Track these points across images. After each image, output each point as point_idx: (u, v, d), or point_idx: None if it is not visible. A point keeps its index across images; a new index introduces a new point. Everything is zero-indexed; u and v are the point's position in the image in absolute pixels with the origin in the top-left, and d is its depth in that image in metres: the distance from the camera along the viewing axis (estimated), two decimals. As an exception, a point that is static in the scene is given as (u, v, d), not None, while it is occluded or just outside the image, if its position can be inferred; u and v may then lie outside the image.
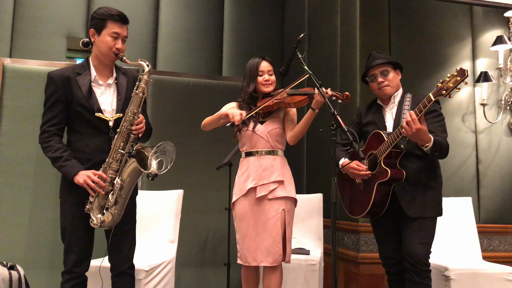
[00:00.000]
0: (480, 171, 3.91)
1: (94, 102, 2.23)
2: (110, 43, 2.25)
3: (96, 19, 2.27)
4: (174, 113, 4.29)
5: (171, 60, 4.94)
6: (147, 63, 2.27)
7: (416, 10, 3.93)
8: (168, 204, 3.34)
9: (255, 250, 2.59)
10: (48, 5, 4.62)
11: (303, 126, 2.63)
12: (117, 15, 2.27)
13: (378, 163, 2.48)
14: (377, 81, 2.63)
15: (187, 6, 5.07)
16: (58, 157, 2.17)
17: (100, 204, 2.19)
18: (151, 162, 2.15)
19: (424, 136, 2.33)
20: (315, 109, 2.55)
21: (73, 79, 2.23)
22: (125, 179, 2.19)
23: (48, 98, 2.25)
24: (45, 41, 4.56)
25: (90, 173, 2.15)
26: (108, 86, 2.31)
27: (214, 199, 4.14)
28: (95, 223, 2.18)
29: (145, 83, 2.24)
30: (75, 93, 2.22)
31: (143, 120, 2.25)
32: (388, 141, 2.44)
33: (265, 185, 2.61)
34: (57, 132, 2.25)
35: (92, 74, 2.28)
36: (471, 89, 3.97)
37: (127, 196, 2.23)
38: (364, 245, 3.55)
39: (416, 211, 2.46)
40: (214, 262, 4.15)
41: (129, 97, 2.27)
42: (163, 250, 3.16)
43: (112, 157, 2.20)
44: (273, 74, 2.73)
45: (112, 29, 2.25)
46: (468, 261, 3.19)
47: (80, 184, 2.14)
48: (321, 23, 4.45)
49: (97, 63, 2.31)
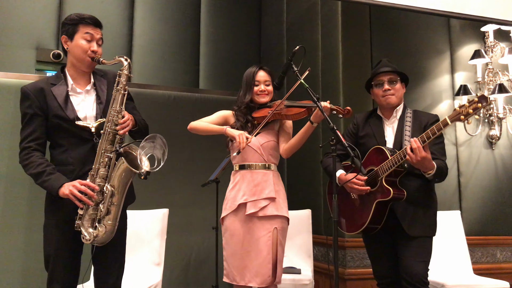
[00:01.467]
0: (461, 183, 3.94)
1: (71, 111, 2.07)
2: (84, 46, 2.10)
3: (67, 25, 2.14)
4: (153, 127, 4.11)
5: (146, 73, 4.81)
6: (125, 57, 2.11)
7: (397, 24, 3.96)
8: (153, 224, 3.16)
9: (243, 269, 2.45)
10: (17, 16, 4.44)
11: (300, 139, 2.52)
12: (89, 18, 2.15)
13: (379, 181, 2.42)
14: (383, 88, 2.56)
15: (162, 18, 4.97)
16: (40, 172, 1.99)
17: (91, 217, 2.00)
18: (141, 160, 1.98)
19: (428, 164, 2.29)
20: (314, 122, 2.44)
21: (47, 90, 2.08)
22: (116, 184, 2.01)
23: (24, 114, 2.08)
24: (13, 52, 4.37)
25: (76, 182, 1.98)
26: (86, 93, 2.15)
27: (200, 218, 3.97)
28: (88, 238, 1.99)
29: (125, 78, 2.09)
30: (50, 104, 2.06)
31: (129, 118, 2.09)
32: (393, 160, 2.37)
33: (255, 202, 2.47)
34: (38, 147, 2.07)
35: (69, 83, 2.13)
36: (450, 102, 4.01)
37: (120, 204, 2.04)
38: (351, 261, 3.49)
39: (418, 231, 2.41)
40: (201, 283, 3.96)
41: (111, 99, 2.11)
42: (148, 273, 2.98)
43: (99, 163, 2.02)
44: (270, 84, 2.61)
45: (85, 30, 2.11)
46: (462, 276, 3.19)
47: (66, 195, 1.95)
48: (301, 35, 4.42)
49: (74, 72, 2.16)
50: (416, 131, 2.50)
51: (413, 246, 2.40)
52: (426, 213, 2.46)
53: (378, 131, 2.59)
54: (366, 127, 2.65)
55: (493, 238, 3.91)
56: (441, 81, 4.02)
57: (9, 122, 3.61)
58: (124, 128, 2.06)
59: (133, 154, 2.05)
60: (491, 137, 4.03)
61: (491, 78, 4.09)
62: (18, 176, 3.45)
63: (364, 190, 2.42)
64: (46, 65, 4.56)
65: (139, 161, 1.98)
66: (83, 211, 2.00)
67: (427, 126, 2.49)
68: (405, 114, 2.58)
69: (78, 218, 2.01)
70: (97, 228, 2.00)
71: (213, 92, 4.56)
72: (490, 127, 4.05)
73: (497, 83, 3.98)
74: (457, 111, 2.22)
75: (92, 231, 2.00)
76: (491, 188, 3.99)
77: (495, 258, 3.90)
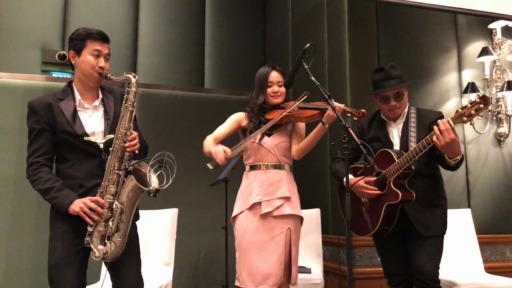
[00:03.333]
0: (470, 182, 3.92)
1: (79, 127, 2.07)
2: (92, 62, 2.09)
3: (75, 40, 2.12)
4: (160, 127, 4.11)
5: (151, 73, 4.81)
6: (133, 74, 2.11)
7: (403, 22, 3.94)
8: (163, 224, 3.14)
9: (254, 270, 2.42)
10: (23, 18, 4.45)
11: (311, 141, 2.50)
12: (97, 33, 2.13)
13: (388, 184, 2.40)
14: (389, 103, 2.49)
15: (167, 18, 4.96)
16: (49, 188, 1.98)
17: (100, 234, 2.00)
18: (151, 177, 1.98)
19: (456, 148, 2.20)
20: (326, 124, 2.42)
21: (55, 105, 2.06)
22: (125, 201, 2.01)
23: (32, 129, 2.07)
24: (19, 54, 4.38)
25: (86, 199, 1.97)
26: (94, 109, 2.15)
27: (209, 218, 3.95)
28: (97, 255, 1.98)
29: (133, 95, 2.09)
30: (58, 119, 2.05)
31: (136, 136, 2.09)
32: (400, 162, 2.34)
33: (270, 201, 2.46)
34: (46, 162, 2.05)
35: (77, 99, 2.12)
36: (458, 99, 3.99)
37: (129, 221, 2.04)
38: (359, 260, 3.48)
39: (430, 231, 2.40)
40: (211, 284, 3.95)
41: (118, 115, 2.11)
42: (158, 274, 2.96)
43: (108, 180, 2.02)
44: (283, 85, 2.57)
45: (93, 47, 2.10)
46: (473, 274, 3.17)
47: (76, 213, 1.95)
48: (307, 34, 4.40)
49: (81, 87, 2.14)
50: (421, 130, 2.47)
51: (425, 245, 2.39)
52: (438, 213, 2.45)
53: (383, 134, 2.56)
54: (371, 131, 2.62)
55: (502, 237, 3.88)
56: (449, 79, 4.00)
57: (16, 122, 3.60)
58: (133, 146, 2.06)
59: (142, 172, 2.04)
60: (499, 135, 4.00)
61: (499, 76, 4.06)
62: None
63: (374, 194, 2.40)
64: (52, 66, 4.57)
65: (148, 178, 1.98)
66: (92, 228, 2.00)
67: (432, 124, 2.46)
68: (409, 114, 2.54)
69: (88, 235, 2.01)
70: (107, 245, 2.00)
71: (219, 92, 4.55)
72: (499, 124, 4.02)
73: (505, 80, 3.95)
74: (460, 113, 2.19)
75: (102, 248, 1.99)
76: (500, 186, 3.96)
77: (505, 256, 3.87)
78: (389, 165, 2.41)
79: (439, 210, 2.46)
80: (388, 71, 2.50)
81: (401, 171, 2.35)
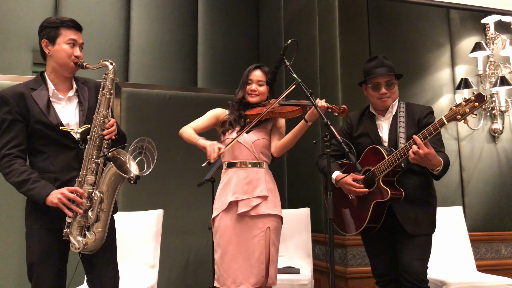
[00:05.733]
0: (464, 178, 3.87)
1: (53, 117, 2.00)
2: (68, 51, 2.03)
3: (48, 28, 2.05)
4: (149, 127, 4.08)
5: (144, 73, 4.78)
6: (110, 61, 2.07)
7: (395, 17, 3.89)
8: (147, 225, 3.10)
9: (235, 270, 2.37)
10: (13, 18, 4.42)
11: (292, 138, 2.45)
12: (70, 21, 2.08)
13: (376, 181, 2.36)
14: (379, 91, 2.47)
15: (159, 17, 4.93)
16: (24, 180, 1.91)
17: (79, 225, 1.94)
18: (130, 164, 1.93)
19: (434, 161, 2.19)
20: (309, 121, 2.38)
21: (27, 95, 1.99)
22: (104, 190, 1.95)
23: (3, 120, 1.98)
24: (10, 55, 4.34)
25: (65, 190, 1.90)
26: (68, 100, 2.08)
27: (196, 218, 3.92)
28: (77, 247, 1.92)
29: (110, 82, 2.04)
30: (31, 109, 1.98)
31: (114, 123, 2.04)
32: (390, 160, 2.30)
33: (247, 200, 2.41)
34: (19, 154, 1.98)
35: (50, 89, 2.05)
36: (451, 96, 3.94)
37: (110, 210, 1.98)
38: (352, 259, 3.43)
39: (418, 230, 2.35)
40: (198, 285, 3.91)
41: (93, 106, 2.07)
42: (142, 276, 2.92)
43: (86, 169, 1.96)
44: (264, 84, 2.55)
45: (68, 35, 2.04)
46: (464, 273, 3.12)
47: (54, 204, 1.88)
48: (299, 32, 4.36)
49: (55, 77, 2.07)
50: (410, 126, 2.44)
51: (412, 244, 2.34)
52: (427, 211, 2.40)
53: (372, 130, 2.53)
54: (360, 126, 2.58)
55: (497, 234, 3.83)
56: (442, 74, 3.95)
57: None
58: (111, 132, 2.01)
59: (121, 159, 1.99)
60: (493, 131, 3.96)
61: (493, 71, 4.01)
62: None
63: (362, 192, 2.36)
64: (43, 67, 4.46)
65: (128, 165, 1.93)
66: (71, 219, 1.94)
67: (421, 120, 2.44)
68: (398, 108, 2.51)
69: (66, 227, 1.95)
70: (87, 235, 1.94)
71: (212, 91, 4.53)
72: (493, 120, 3.97)
73: (499, 75, 3.90)
74: (454, 111, 2.15)
75: (81, 239, 1.94)
76: (494, 183, 3.92)
77: (500, 254, 3.82)
78: (378, 162, 2.37)
79: (428, 209, 2.41)
80: (381, 59, 2.50)
81: (391, 169, 2.31)
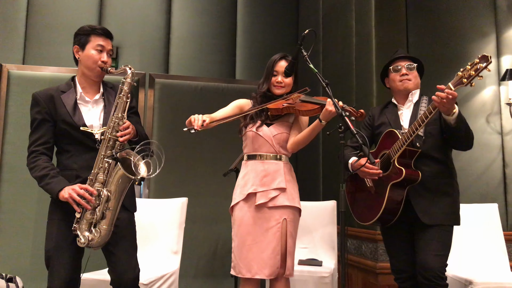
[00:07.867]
0: (507, 175, 3.67)
1: (79, 118, 2.15)
2: (95, 56, 2.18)
3: (79, 35, 2.21)
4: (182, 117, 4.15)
5: (184, 65, 4.86)
6: (129, 66, 2.20)
7: (435, 6, 3.73)
8: (171, 213, 3.18)
9: (251, 261, 2.38)
10: (60, 12, 4.62)
11: (307, 136, 2.43)
12: (100, 29, 2.23)
13: (392, 163, 2.31)
14: (400, 72, 2.50)
15: (199, 9, 4.99)
16: (44, 175, 2.06)
17: (88, 221, 2.05)
18: (137, 165, 2.01)
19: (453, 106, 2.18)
20: (323, 120, 2.34)
21: (57, 97, 2.16)
22: (113, 189, 2.04)
23: (34, 119, 2.17)
24: (57, 48, 4.54)
25: (76, 186, 2.03)
26: (95, 103, 2.23)
27: (222, 207, 3.95)
28: (83, 241, 2.03)
29: (128, 86, 2.15)
30: (59, 110, 2.15)
31: (129, 125, 2.14)
32: (403, 138, 2.28)
33: (265, 192, 2.41)
34: (45, 151, 2.15)
35: (78, 92, 2.20)
36: (496, 88, 3.74)
37: (116, 209, 2.08)
38: (383, 255, 3.36)
39: (432, 219, 2.28)
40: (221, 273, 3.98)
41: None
42: (165, 262, 3.01)
43: (98, 167, 2.08)
44: (290, 75, 2.51)
45: (96, 42, 2.19)
46: (495, 273, 2.97)
47: (65, 199, 2.01)
48: (336, 22, 4.29)
49: (83, 81, 2.24)
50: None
51: (428, 237, 2.27)
52: (444, 201, 2.32)
53: (394, 119, 2.50)
54: (382, 117, 2.57)
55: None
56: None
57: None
58: (125, 135, 2.10)
59: (130, 160, 2.07)
60: (541, 125, 3.72)
61: (542, 62, 3.77)
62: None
63: (376, 174, 2.32)
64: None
65: (135, 167, 2.00)
66: (80, 214, 2.05)
67: None
68: (420, 100, 2.47)
69: (76, 221, 2.06)
70: (93, 232, 2.04)
71: (250, 83, 4.54)
72: (540, 114, 3.73)
73: (549, 66, 3.66)
74: (459, 76, 2.11)
75: (88, 235, 2.04)
76: (540, 181, 3.69)
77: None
78: (393, 144, 2.35)
79: (446, 199, 2.33)
80: (402, 50, 2.57)
81: (405, 147, 2.27)
